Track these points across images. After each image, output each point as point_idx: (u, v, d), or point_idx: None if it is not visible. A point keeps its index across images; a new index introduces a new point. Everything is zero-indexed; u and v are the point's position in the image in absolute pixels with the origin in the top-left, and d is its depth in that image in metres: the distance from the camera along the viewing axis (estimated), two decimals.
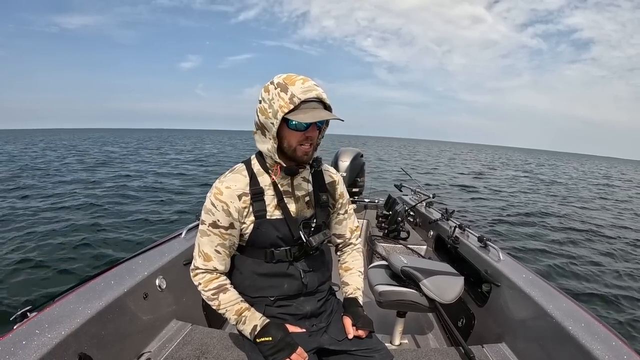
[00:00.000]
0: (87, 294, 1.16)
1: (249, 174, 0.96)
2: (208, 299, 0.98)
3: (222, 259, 0.98)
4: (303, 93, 0.83)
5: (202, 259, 0.97)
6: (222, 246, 0.96)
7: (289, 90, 0.83)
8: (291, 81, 0.84)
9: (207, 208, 0.93)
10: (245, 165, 0.99)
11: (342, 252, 1.21)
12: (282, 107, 0.83)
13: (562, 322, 1.21)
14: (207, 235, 0.95)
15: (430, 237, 2.71)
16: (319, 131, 0.95)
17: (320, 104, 0.87)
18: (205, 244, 0.96)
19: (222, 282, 0.98)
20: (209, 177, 12.18)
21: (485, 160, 38.97)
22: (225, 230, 0.94)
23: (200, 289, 0.99)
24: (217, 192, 0.93)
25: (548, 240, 6.64)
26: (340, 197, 1.13)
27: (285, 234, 0.97)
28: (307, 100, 0.84)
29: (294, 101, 0.82)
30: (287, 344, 0.91)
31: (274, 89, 0.84)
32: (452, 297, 1.57)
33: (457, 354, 1.37)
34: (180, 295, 1.59)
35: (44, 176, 11.38)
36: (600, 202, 12.77)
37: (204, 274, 0.98)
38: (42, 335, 0.93)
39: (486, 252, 1.90)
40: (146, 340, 1.32)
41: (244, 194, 0.94)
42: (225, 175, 0.97)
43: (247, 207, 0.94)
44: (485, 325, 1.73)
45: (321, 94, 0.86)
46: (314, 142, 0.93)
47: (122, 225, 5.90)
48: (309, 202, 1.03)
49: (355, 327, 1.02)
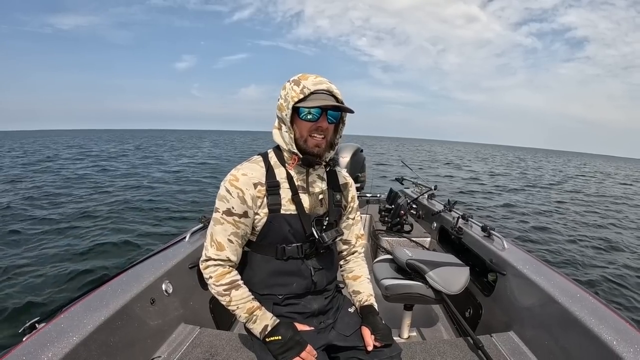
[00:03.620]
0: (94, 302, 1.16)
1: (265, 166, 0.97)
2: (218, 294, 0.96)
3: (235, 249, 0.96)
4: (313, 85, 0.88)
5: (214, 248, 0.95)
6: (235, 235, 0.95)
7: (302, 83, 0.88)
8: (305, 77, 0.90)
9: (221, 195, 0.93)
10: (262, 157, 0.99)
11: (346, 260, 1.19)
12: (293, 98, 0.87)
13: (569, 308, 1.21)
14: (220, 224, 0.94)
15: (433, 229, 2.71)
16: (334, 127, 0.95)
17: (331, 97, 0.90)
18: (219, 233, 0.94)
19: (234, 278, 0.97)
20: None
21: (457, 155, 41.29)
22: (239, 219, 0.93)
23: (210, 283, 0.96)
24: (233, 178, 0.93)
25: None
26: (352, 200, 1.13)
27: (298, 230, 0.96)
28: (317, 92, 0.88)
29: (304, 91, 0.87)
30: (297, 343, 0.92)
31: (290, 84, 0.90)
32: (458, 288, 1.57)
33: (466, 345, 1.37)
34: (187, 299, 1.60)
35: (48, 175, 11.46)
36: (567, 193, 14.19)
37: (216, 266, 0.95)
38: (52, 347, 0.94)
39: (490, 241, 1.90)
40: (156, 346, 1.32)
41: (260, 183, 0.94)
42: (242, 164, 0.97)
43: (262, 197, 0.94)
44: (493, 314, 1.73)
45: (332, 87, 0.90)
46: (326, 136, 0.93)
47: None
48: (322, 199, 1.02)
49: (374, 338, 1.00)
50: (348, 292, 1.17)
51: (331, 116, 0.90)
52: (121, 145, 33.69)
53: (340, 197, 1.07)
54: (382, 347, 0.99)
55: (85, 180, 11.07)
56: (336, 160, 1.04)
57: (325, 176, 1.05)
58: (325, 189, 1.04)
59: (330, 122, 0.91)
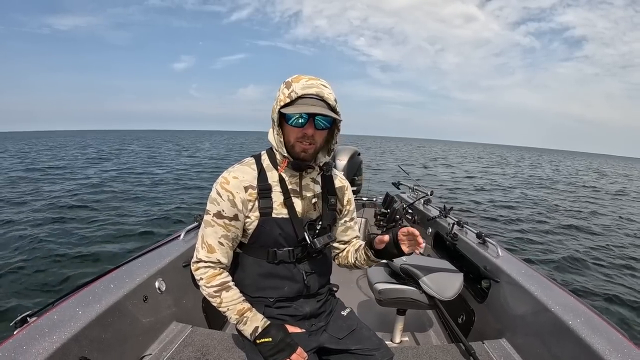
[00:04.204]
0: (87, 297, 1.15)
1: (257, 168, 0.95)
2: (209, 296, 0.96)
3: (225, 251, 0.96)
4: (302, 89, 0.84)
5: (205, 250, 0.94)
6: (226, 238, 0.94)
7: (292, 86, 0.85)
8: (297, 79, 0.86)
9: (212, 197, 0.93)
10: (255, 159, 0.98)
11: (342, 250, 1.16)
12: (280, 101, 0.85)
13: (562, 317, 1.22)
14: (211, 226, 0.93)
15: (428, 235, 2.72)
16: (324, 132, 0.92)
17: (320, 102, 0.85)
18: (209, 235, 0.94)
19: (225, 280, 0.96)
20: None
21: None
22: (229, 221, 0.93)
23: (201, 284, 0.96)
24: (224, 181, 0.92)
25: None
26: (348, 203, 1.12)
27: (289, 234, 0.95)
28: (305, 96, 0.84)
29: (291, 96, 0.84)
30: (287, 345, 0.91)
31: (282, 86, 0.87)
32: (451, 294, 1.57)
33: (458, 351, 1.37)
34: (180, 297, 1.59)
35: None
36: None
37: (207, 268, 0.95)
38: (42, 340, 0.93)
39: (485, 248, 1.90)
40: (147, 343, 1.32)
41: (251, 186, 0.93)
42: (233, 167, 0.97)
43: (253, 200, 0.93)
44: (486, 321, 1.73)
45: (323, 92, 0.85)
46: (314, 142, 0.90)
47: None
48: (315, 203, 1.01)
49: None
50: (355, 251, 1.11)
51: (321, 122, 0.86)
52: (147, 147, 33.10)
53: (335, 201, 1.06)
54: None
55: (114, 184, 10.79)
56: (330, 165, 1.03)
57: (320, 179, 1.04)
58: (319, 193, 1.03)
59: (320, 128, 0.88)
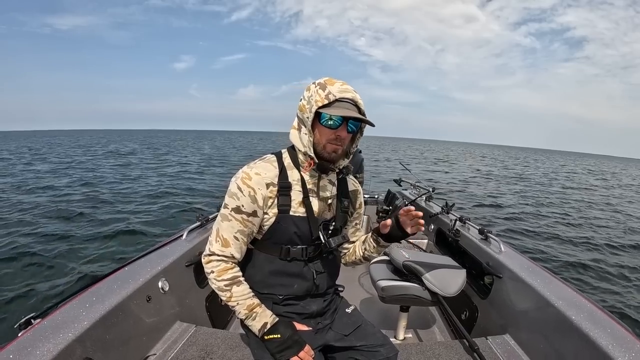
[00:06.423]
0: (90, 298, 1.15)
1: (279, 166, 0.96)
2: (219, 289, 0.95)
3: (240, 246, 0.96)
4: (339, 92, 0.87)
5: (219, 244, 0.94)
6: (242, 233, 0.94)
7: (327, 88, 0.88)
8: (331, 82, 0.89)
9: (231, 192, 0.92)
10: (277, 157, 0.99)
11: (349, 249, 1.18)
12: (318, 102, 0.87)
13: (565, 312, 1.22)
14: (228, 220, 0.93)
15: (431, 231, 2.72)
16: (351, 136, 0.96)
17: (354, 107, 0.89)
18: (225, 229, 0.93)
19: (236, 274, 0.96)
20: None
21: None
22: (247, 217, 0.92)
23: (211, 277, 0.95)
24: (246, 176, 0.92)
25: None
26: (360, 207, 1.16)
27: (304, 233, 0.96)
28: (342, 100, 0.88)
29: (330, 97, 0.87)
30: (295, 342, 0.92)
31: (315, 87, 0.89)
32: (454, 290, 1.57)
33: (461, 347, 1.37)
34: (183, 297, 1.59)
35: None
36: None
37: (219, 262, 0.94)
38: (46, 342, 0.93)
39: (487, 244, 1.90)
40: (151, 343, 1.32)
41: (272, 183, 0.93)
42: (255, 162, 0.96)
43: (273, 197, 0.94)
44: (489, 317, 1.73)
45: (357, 97, 0.89)
46: (343, 144, 0.93)
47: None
48: (331, 204, 1.03)
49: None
50: (362, 243, 1.13)
51: (352, 126, 0.90)
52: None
53: (348, 204, 1.08)
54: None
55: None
56: (349, 168, 1.05)
57: (336, 182, 1.06)
58: (335, 195, 1.05)
59: (350, 131, 0.91)
